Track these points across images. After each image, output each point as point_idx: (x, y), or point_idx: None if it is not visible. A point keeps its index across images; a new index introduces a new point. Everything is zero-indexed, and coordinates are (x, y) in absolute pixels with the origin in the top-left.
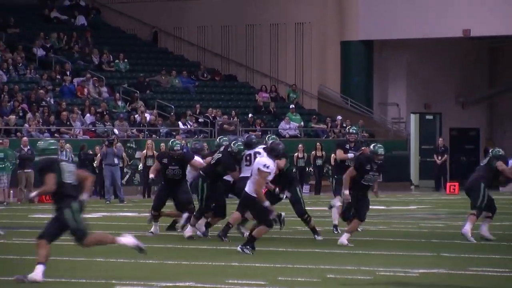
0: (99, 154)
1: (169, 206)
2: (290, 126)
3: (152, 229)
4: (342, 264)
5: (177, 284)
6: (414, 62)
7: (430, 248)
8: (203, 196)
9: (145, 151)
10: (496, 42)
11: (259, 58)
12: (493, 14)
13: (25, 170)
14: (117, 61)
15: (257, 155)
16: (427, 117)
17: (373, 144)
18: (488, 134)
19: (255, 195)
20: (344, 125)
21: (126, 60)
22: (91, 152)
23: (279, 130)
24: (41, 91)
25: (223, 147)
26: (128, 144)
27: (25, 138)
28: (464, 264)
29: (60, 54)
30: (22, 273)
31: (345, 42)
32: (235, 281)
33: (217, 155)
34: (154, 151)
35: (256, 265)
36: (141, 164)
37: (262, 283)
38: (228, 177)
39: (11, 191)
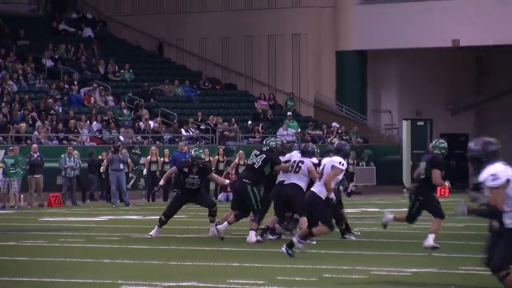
0: (105, 160)
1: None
2: (287, 132)
3: (152, 232)
4: (338, 264)
5: (180, 283)
6: (405, 71)
7: (422, 248)
8: (257, 199)
9: (149, 157)
10: (483, 52)
11: (258, 68)
12: (480, 25)
13: (35, 176)
14: (122, 71)
15: (300, 164)
16: (419, 123)
17: (435, 141)
18: None
19: (322, 196)
20: (340, 131)
21: (131, 70)
22: (99, 158)
23: (277, 137)
24: (50, 100)
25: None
26: (133, 151)
27: (34, 145)
28: (455, 264)
29: (68, 65)
30: (31, 273)
31: (340, 52)
32: (236, 281)
33: (259, 158)
34: (158, 157)
35: (256, 265)
36: (145, 170)
37: (262, 282)
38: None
39: (22, 196)
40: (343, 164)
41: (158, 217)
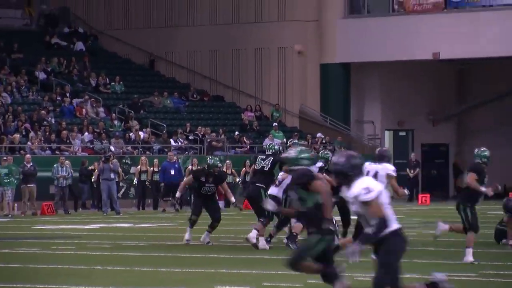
0: (96, 170)
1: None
2: (273, 142)
3: (187, 236)
4: None
5: None
6: (388, 82)
7: (404, 255)
8: None
9: (139, 166)
10: (463, 64)
11: (245, 80)
12: (460, 38)
13: (28, 185)
14: (113, 83)
15: None
16: (400, 133)
17: (477, 150)
18: (457, 149)
19: None
20: (324, 141)
21: (121, 83)
22: (90, 168)
23: (263, 146)
24: (43, 111)
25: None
26: (124, 160)
27: (28, 155)
28: (435, 270)
29: (60, 77)
30: (25, 280)
31: (324, 64)
32: (223, 287)
33: (268, 161)
34: (148, 167)
35: (243, 271)
36: (135, 179)
37: None
38: None
39: (16, 204)
40: (395, 171)
41: (148, 225)
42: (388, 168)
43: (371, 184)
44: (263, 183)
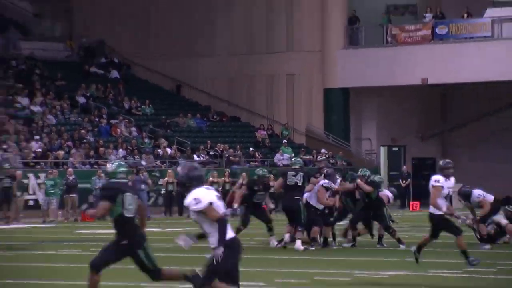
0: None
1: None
2: (283, 157)
3: None
4: (326, 268)
5: (181, 286)
6: (382, 104)
7: (398, 254)
8: (304, 214)
9: (166, 178)
10: (447, 89)
11: (258, 103)
12: (445, 66)
13: (71, 195)
14: (143, 106)
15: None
16: (394, 149)
17: None
18: None
19: (439, 213)
20: (327, 156)
21: (151, 106)
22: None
23: (275, 161)
24: (83, 131)
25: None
26: (153, 173)
27: (70, 169)
28: (425, 267)
29: (98, 101)
30: (68, 277)
31: (327, 89)
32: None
33: (299, 176)
34: (174, 178)
35: (256, 269)
36: (163, 189)
37: (261, 284)
38: None
39: (59, 212)
40: (437, 181)
41: (174, 229)
42: (432, 179)
43: (201, 195)
44: (300, 196)
